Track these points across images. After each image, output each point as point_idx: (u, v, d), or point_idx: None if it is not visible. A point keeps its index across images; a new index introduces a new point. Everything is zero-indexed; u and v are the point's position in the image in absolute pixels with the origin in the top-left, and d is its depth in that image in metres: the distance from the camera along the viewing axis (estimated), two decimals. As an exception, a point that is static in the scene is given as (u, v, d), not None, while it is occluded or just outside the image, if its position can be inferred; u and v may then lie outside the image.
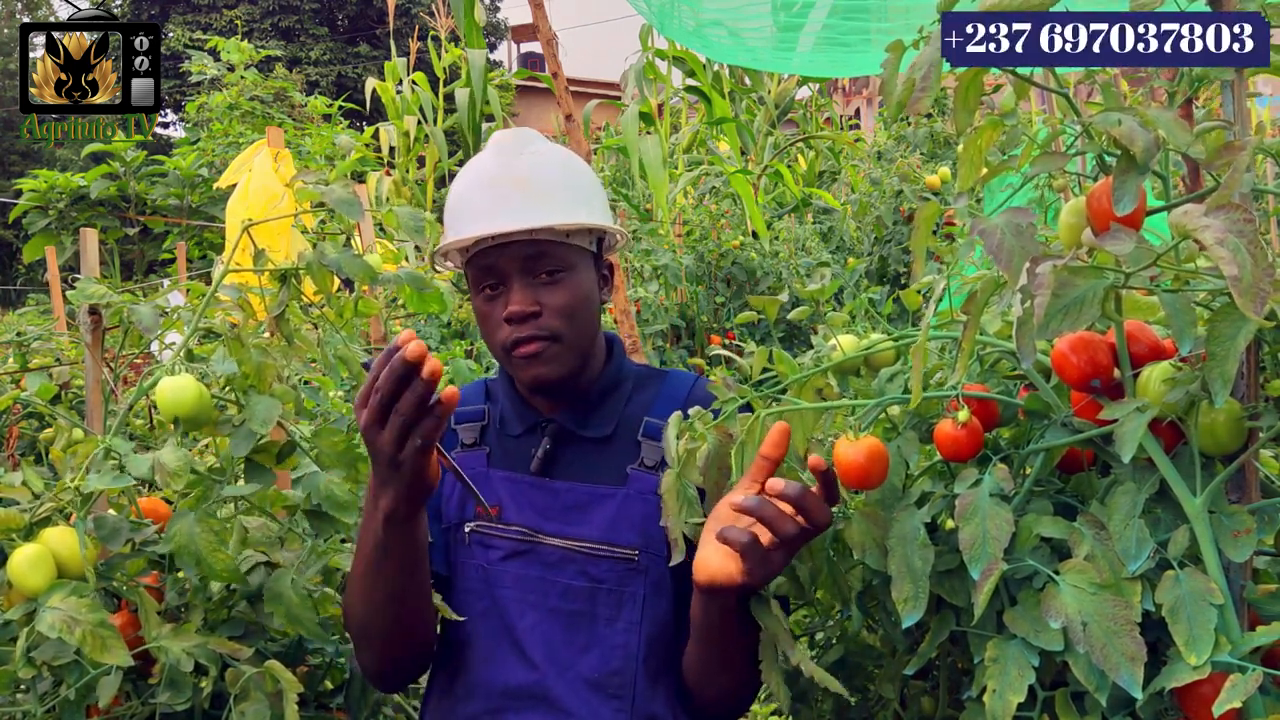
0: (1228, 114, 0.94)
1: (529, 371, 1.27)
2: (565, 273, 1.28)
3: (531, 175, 1.28)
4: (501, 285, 1.28)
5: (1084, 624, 0.87)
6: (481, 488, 1.33)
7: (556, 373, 1.27)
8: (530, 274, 1.27)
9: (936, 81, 0.98)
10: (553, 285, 1.27)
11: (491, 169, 1.31)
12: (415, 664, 1.34)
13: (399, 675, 1.34)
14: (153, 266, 10.93)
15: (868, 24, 3.95)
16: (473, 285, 1.31)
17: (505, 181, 1.28)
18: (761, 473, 1.06)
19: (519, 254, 1.26)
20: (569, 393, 1.33)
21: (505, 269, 1.27)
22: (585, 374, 1.33)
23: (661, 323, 5.96)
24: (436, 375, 1.01)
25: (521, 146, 1.31)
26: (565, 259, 1.28)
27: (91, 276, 1.58)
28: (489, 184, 1.29)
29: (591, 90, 16.35)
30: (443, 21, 12.50)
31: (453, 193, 1.33)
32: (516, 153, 1.31)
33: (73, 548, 1.19)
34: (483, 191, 1.28)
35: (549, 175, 1.29)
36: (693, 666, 1.24)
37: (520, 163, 1.29)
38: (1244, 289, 0.75)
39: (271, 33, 23.61)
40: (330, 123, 11.79)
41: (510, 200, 1.26)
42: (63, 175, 9.42)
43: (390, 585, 1.19)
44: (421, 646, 1.31)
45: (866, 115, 18.94)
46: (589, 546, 1.27)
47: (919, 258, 1.09)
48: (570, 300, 1.28)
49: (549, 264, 1.27)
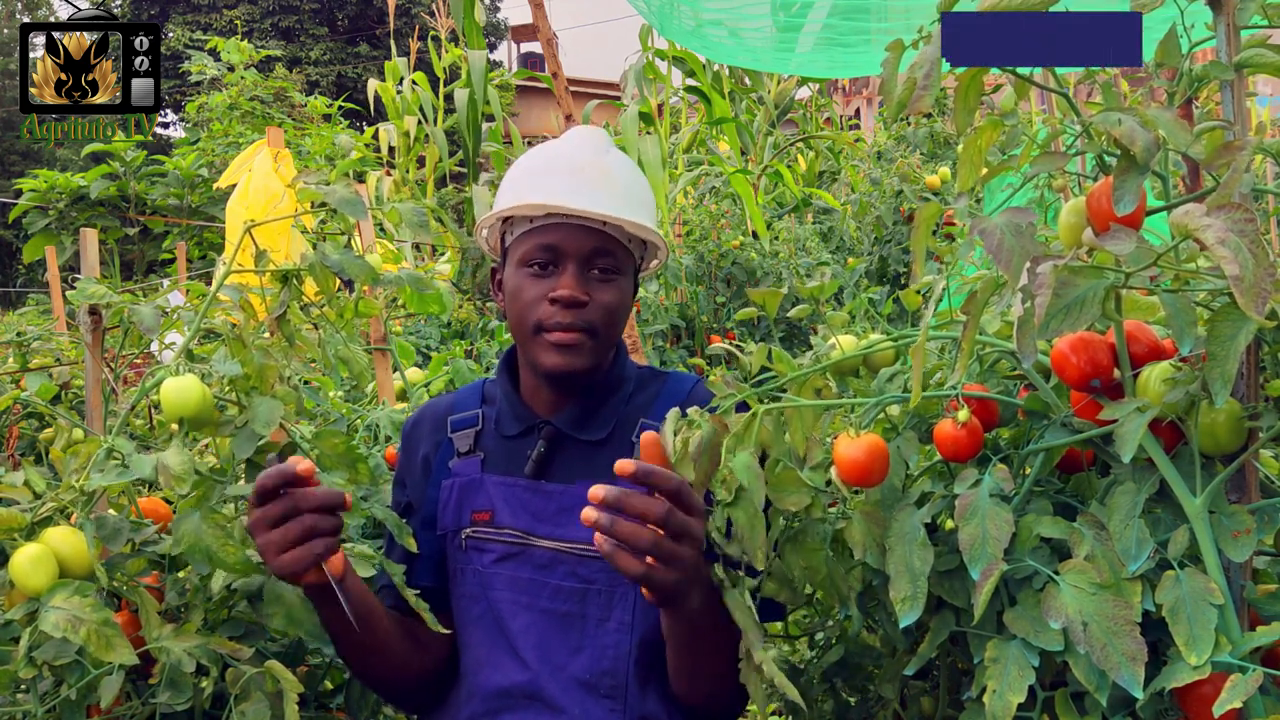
0: (1228, 114, 0.94)
1: (553, 358, 1.28)
2: (617, 274, 1.31)
3: (616, 172, 1.32)
4: (554, 266, 1.29)
5: (1084, 624, 0.87)
6: (476, 493, 1.34)
7: (580, 365, 1.28)
8: (588, 265, 1.29)
9: (936, 81, 0.98)
10: (604, 283, 1.30)
11: (577, 156, 1.33)
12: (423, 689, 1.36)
13: (413, 698, 1.38)
14: (153, 266, 10.93)
15: (868, 24, 3.95)
16: (519, 260, 1.31)
17: (591, 170, 1.30)
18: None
19: (586, 242, 1.28)
20: (575, 391, 1.34)
21: (566, 250, 1.28)
22: (597, 373, 1.34)
23: (661, 323, 5.95)
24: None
25: (606, 145, 1.36)
26: (620, 261, 1.32)
27: (91, 276, 1.58)
28: (573, 167, 1.31)
29: (591, 90, 16.34)
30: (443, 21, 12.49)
31: (526, 165, 1.36)
32: (602, 149, 1.35)
33: (75, 547, 1.18)
34: (568, 171, 1.30)
35: (630, 178, 1.34)
36: (674, 673, 1.24)
37: (607, 159, 1.33)
38: (1245, 289, 0.75)
39: (271, 33, 23.61)
40: (330, 123, 11.79)
41: (596, 186, 1.29)
42: (63, 175, 9.42)
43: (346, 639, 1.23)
44: (420, 673, 1.34)
45: (866, 115, 18.94)
46: (579, 548, 1.27)
47: (919, 258, 1.09)
48: (615, 301, 1.30)
49: (607, 261, 1.30)
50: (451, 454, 1.38)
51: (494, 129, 11.03)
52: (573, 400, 1.34)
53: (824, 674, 1.37)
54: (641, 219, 1.31)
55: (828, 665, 1.34)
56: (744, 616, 1.08)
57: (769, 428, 1.10)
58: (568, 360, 1.27)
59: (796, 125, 13.58)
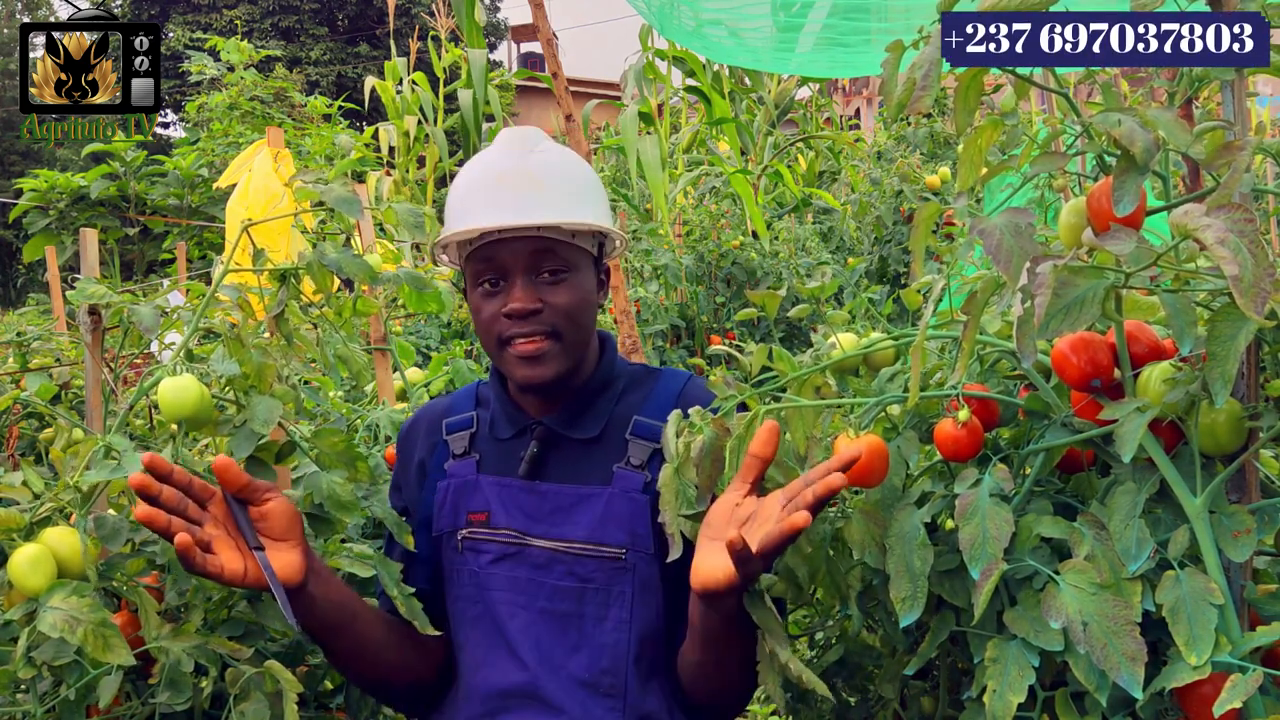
0: (1228, 114, 0.94)
1: (523, 371, 1.27)
2: (568, 273, 1.28)
3: (540, 173, 1.28)
4: (502, 281, 1.27)
5: (1084, 624, 0.87)
6: (472, 494, 1.34)
7: (551, 373, 1.27)
8: (534, 271, 1.26)
9: (936, 81, 0.98)
10: (555, 284, 1.27)
11: (499, 165, 1.30)
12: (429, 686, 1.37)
13: (412, 700, 1.38)
14: (153, 266, 10.93)
15: (868, 24, 3.95)
16: (471, 280, 1.31)
17: (514, 177, 1.27)
18: (751, 472, 1.06)
19: (524, 250, 1.26)
20: (560, 394, 1.33)
21: (508, 265, 1.26)
22: (578, 375, 1.33)
23: (661, 323, 5.95)
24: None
25: (530, 145, 1.31)
26: (569, 259, 1.28)
27: (91, 276, 1.58)
28: (496, 179, 1.28)
29: (591, 90, 16.35)
30: (443, 21, 12.50)
31: (457, 186, 1.33)
32: (525, 151, 1.30)
33: (73, 547, 1.18)
34: (490, 186, 1.28)
35: (557, 174, 1.29)
36: (689, 668, 1.24)
37: (529, 161, 1.29)
38: (1245, 289, 0.75)
39: (271, 33, 23.60)
40: (330, 123, 11.78)
41: (519, 196, 1.25)
42: (63, 175, 9.41)
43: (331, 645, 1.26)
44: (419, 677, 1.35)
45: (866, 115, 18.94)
46: (576, 547, 1.27)
47: (919, 258, 1.09)
48: (572, 300, 1.27)
49: (553, 262, 1.27)
50: (447, 456, 1.38)
51: (494, 129, 11.03)
52: (561, 401, 1.34)
53: (824, 674, 1.36)
54: (575, 214, 1.27)
55: (828, 665, 1.34)
56: (766, 617, 1.08)
57: (769, 428, 1.10)
58: (537, 371, 1.26)
59: (796, 125, 13.59)
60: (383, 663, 1.29)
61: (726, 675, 1.20)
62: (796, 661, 1.05)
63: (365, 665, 1.29)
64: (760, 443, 1.06)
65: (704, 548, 1.07)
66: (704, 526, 1.09)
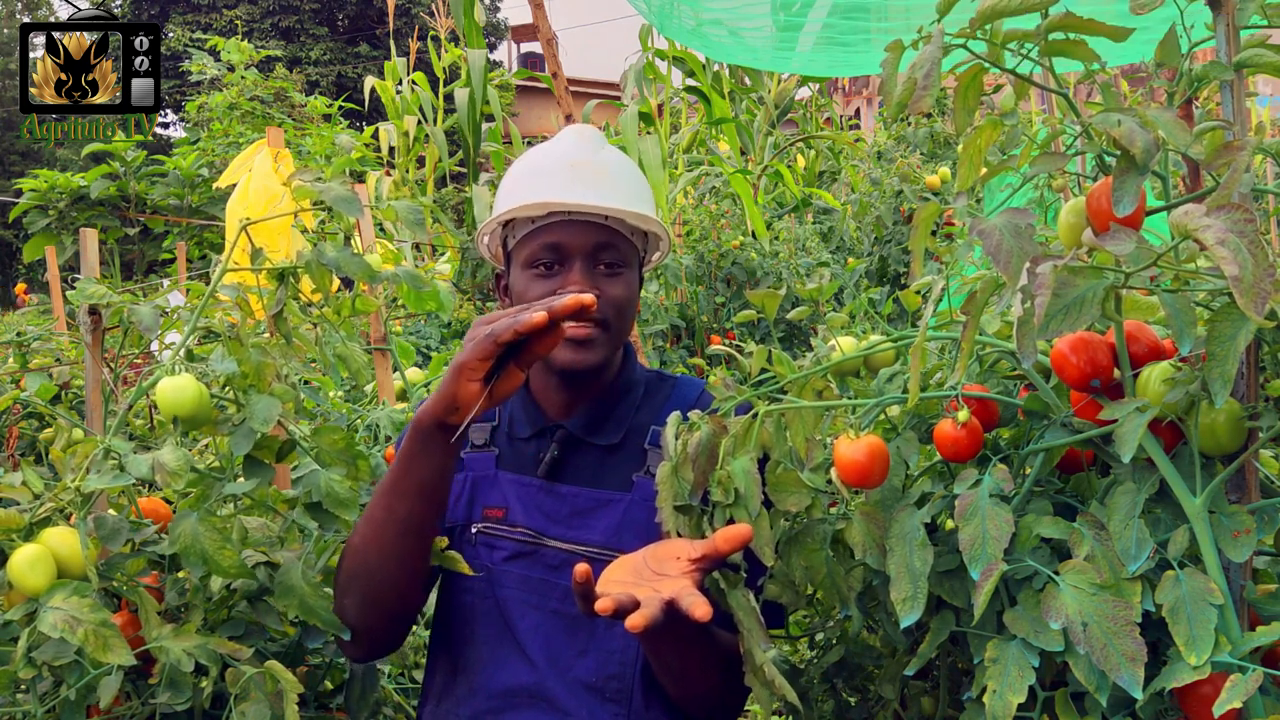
0: (1227, 114, 0.94)
1: (569, 354, 1.28)
2: (624, 268, 1.31)
3: (613, 169, 1.32)
4: (559, 265, 1.29)
5: (1084, 624, 0.87)
6: (490, 489, 1.34)
7: (595, 360, 1.29)
8: (594, 260, 1.29)
9: (936, 81, 0.98)
10: (611, 276, 1.30)
11: (572, 154, 1.33)
12: (391, 630, 1.30)
13: (372, 636, 1.29)
14: (153, 266, 10.93)
15: (868, 24, 3.94)
16: (524, 261, 1.31)
17: (587, 168, 1.30)
18: (707, 560, 1.02)
19: (590, 237, 1.28)
20: (589, 387, 1.34)
21: (571, 249, 1.28)
22: (608, 371, 1.35)
23: (661, 323, 5.95)
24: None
25: (601, 142, 1.36)
26: (626, 255, 1.32)
27: (91, 276, 1.58)
28: (570, 165, 1.31)
29: (591, 90, 16.34)
30: (443, 21, 12.49)
31: (522, 168, 1.35)
32: (597, 146, 1.35)
33: (73, 548, 1.18)
34: (564, 170, 1.30)
35: (627, 173, 1.34)
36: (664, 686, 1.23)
37: (602, 155, 1.34)
38: (1245, 289, 0.75)
39: (271, 33, 23.60)
40: (330, 123, 11.78)
41: (594, 182, 1.29)
42: (63, 175, 9.40)
43: (406, 506, 1.18)
44: (403, 609, 1.28)
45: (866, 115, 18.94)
46: (593, 551, 1.27)
47: (918, 258, 1.09)
48: (625, 295, 1.31)
49: (611, 255, 1.30)
50: (466, 445, 1.38)
51: (494, 129, 11.03)
52: (584, 403, 1.34)
53: (824, 674, 1.37)
54: (643, 210, 1.32)
55: (828, 665, 1.34)
56: (747, 617, 1.08)
57: (770, 429, 1.10)
58: (582, 355, 1.28)
59: (796, 125, 13.58)
60: (407, 567, 1.23)
61: (704, 683, 1.20)
62: (770, 664, 1.05)
63: (394, 564, 1.22)
64: (726, 540, 1.01)
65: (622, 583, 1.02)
66: (620, 567, 1.05)
